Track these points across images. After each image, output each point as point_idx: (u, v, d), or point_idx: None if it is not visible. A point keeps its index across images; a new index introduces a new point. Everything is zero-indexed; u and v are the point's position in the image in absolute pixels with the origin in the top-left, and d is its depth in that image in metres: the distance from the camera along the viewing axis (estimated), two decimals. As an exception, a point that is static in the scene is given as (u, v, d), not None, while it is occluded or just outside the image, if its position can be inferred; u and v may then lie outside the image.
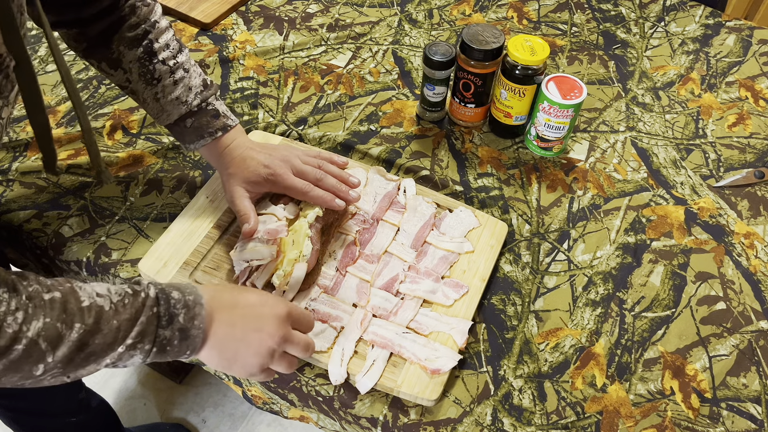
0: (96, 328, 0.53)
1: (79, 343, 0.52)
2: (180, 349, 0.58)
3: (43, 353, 0.51)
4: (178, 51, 0.77)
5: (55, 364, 0.52)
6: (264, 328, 0.62)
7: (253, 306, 0.63)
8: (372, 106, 1.02)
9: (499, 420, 0.71)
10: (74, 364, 0.53)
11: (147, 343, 0.56)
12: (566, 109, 0.89)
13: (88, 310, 0.53)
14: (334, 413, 0.74)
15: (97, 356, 0.54)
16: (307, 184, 0.78)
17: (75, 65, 1.06)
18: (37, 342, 0.50)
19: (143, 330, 0.55)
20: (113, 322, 0.54)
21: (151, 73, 0.75)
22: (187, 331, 0.58)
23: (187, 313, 0.58)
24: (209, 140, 0.78)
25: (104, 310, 0.54)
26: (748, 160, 0.98)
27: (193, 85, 0.77)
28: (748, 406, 0.73)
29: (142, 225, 0.85)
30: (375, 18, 1.18)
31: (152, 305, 0.56)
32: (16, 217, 0.85)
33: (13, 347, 0.49)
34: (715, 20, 1.21)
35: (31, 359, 0.50)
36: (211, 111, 0.78)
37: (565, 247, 0.86)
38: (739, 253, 0.86)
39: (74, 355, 0.52)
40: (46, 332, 0.51)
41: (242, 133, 0.81)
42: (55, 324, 0.51)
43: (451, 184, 0.92)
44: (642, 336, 0.78)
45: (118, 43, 0.74)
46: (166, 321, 0.57)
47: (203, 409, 1.44)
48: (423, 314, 0.76)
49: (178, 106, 0.76)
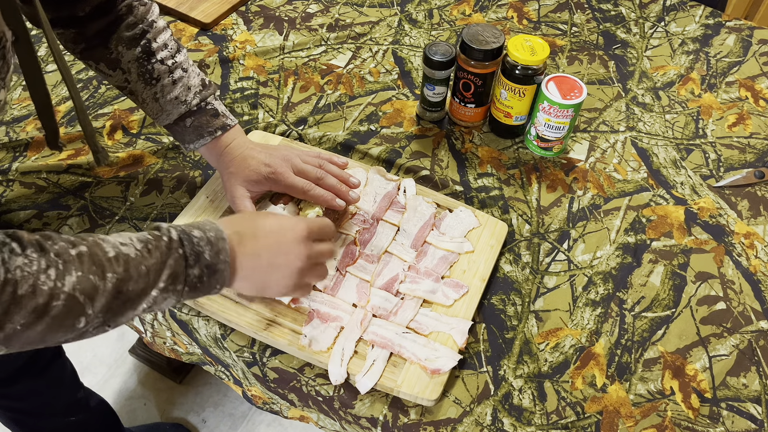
0: (127, 275, 0.54)
1: (115, 291, 0.53)
2: (210, 284, 0.60)
3: (82, 306, 0.52)
4: (177, 51, 0.77)
5: (96, 315, 0.53)
6: (290, 251, 0.65)
7: (274, 233, 0.65)
8: (372, 106, 1.02)
9: (499, 420, 0.71)
10: (113, 312, 0.54)
11: (179, 283, 0.57)
12: (566, 109, 0.89)
13: (116, 259, 0.54)
14: (334, 413, 0.74)
15: (134, 302, 0.55)
16: (308, 182, 0.78)
17: (75, 65, 1.06)
18: (74, 296, 0.51)
19: (173, 272, 0.57)
20: (142, 268, 0.55)
21: (149, 73, 0.75)
22: (214, 266, 0.59)
23: (211, 249, 0.59)
24: (209, 139, 0.78)
25: (131, 258, 0.55)
26: (748, 160, 0.98)
27: (192, 84, 0.77)
28: (748, 406, 0.73)
29: (142, 225, 0.85)
30: (375, 18, 1.18)
31: (177, 247, 0.57)
32: (16, 217, 0.85)
33: (51, 303, 0.50)
34: (715, 20, 1.21)
35: (72, 313, 0.51)
36: (211, 110, 0.78)
37: (565, 247, 0.86)
38: (739, 253, 0.86)
39: (112, 303, 0.53)
40: (81, 285, 0.51)
41: (241, 133, 0.81)
42: (87, 276, 0.52)
43: (451, 184, 0.92)
44: (642, 336, 0.78)
45: (116, 43, 0.74)
46: (193, 260, 0.58)
47: (203, 409, 1.44)
48: (423, 314, 0.76)
49: (178, 106, 0.76)
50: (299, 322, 0.74)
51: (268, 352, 0.75)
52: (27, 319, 0.49)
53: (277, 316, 0.75)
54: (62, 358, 1.05)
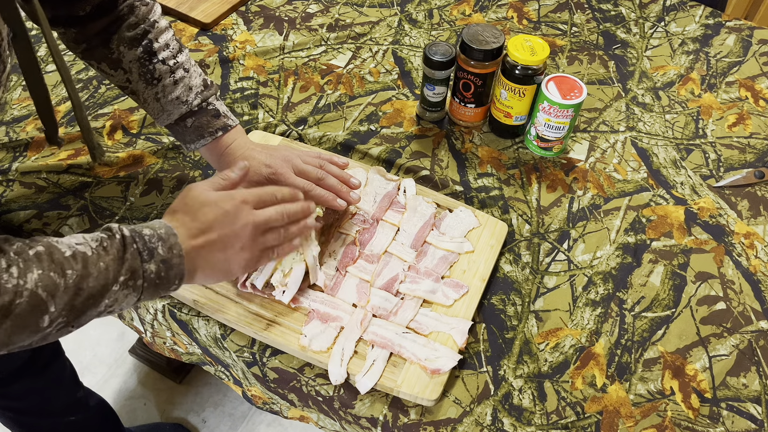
0: (86, 272, 0.54)
1: (76, 288, 0.53)
2: (168, 279, 0.60)
3: (44, 303, 0.52)
4: (178, 51, 0.77)
5: (58, 312, 0.53)
6: (234, 224, 0.64)
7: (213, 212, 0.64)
8: (372, 106, 1.02)
9: (499, 420, 0.71)
10: (76, 310, 0.54)
11: (137, 278, 0.57)
12: (566, 109, 0.89)
13: (74, 258, 0.54)
14: (334, 413, 0.74)
15: (95, 299, 0.55)
16: (308, 183, 0.78)
17: (75, 65, 1.06)
18: (36, 292, 0.51)
19: (131, 266, 0.57)
20: (100, 264, 0.55)
21: (151, 73, 0.75)
22: (169, 261, 0.59)
23: (163, 245, 0.59)
24: (210, 140, 0.78)
25: (88, 256, 0.55)
26: (748, 160, 0.98)
27: (194, 84, 0.77)
28: (748, 406, 0.73)
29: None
30: (375, 18, 1.18)
31: (130, 243, 0.58)
32: (16, 217, 0.85)
33: (15, 301, 0.50)
34: (715, 20, 1.21)
35: (36, 311, 0.51)
36: (212, 111, 0.78)
37: (565, 247, 0.86)
38: (739, 253, 0.86)
39: (74, 301, 0.53)
40: (42, 282, 0.52)
41: (242, 133, 0.81)
42: (48, 274, 0.52)
43: (451, 184, 0.92)
44: (642, 336, 0.78)
45: (118, 43, 0.74)
46: (147, 255, 0.58)
47: (203, 409, 1.44)
48: (423, 314, 0.76)
49: (179, 106, 0.77)
50: (299, 322, 0.74)
51: (268, 352, 0.75)
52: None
53: (277, 316, 0.75)
54: (62, 357, 1.05)
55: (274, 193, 0.69)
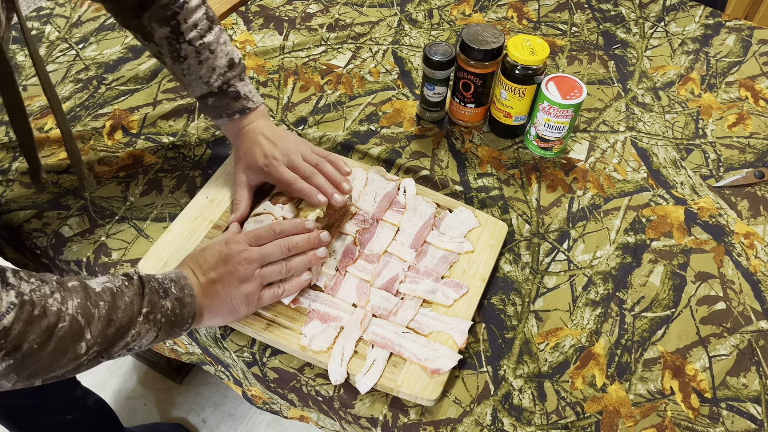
0: (115, 304, 0.59)
1: (108, 318, 0.58)
2: (183, 317, 0.64)
3: (82, 329, 0.56)
4: (207, 31, 0.79)
5: (94, 340, 0.57)
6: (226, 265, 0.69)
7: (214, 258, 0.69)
8: (372, 106, 1.02)
9: (499, 420, 0.71)
10: (107, 340, 0.58)
11: (157, 312, 0.62)
12: (566, 109, 0.89)
13: (103, 292, 0.59)
14: (334, 413, 0.74)
15: (123, 330, 0.59)
16: (294, 176, 0.79)
17: (75, 65, 1.06)
18: (76, 317, 0.55)
19: (150, 300, 0.61)
20: (125, 299, 0.60)
21: (177, 52, 0.78)
22: (182, 299, 0.65)
23: (176, 285, 0.65)
24: (226, 120, 0.82)
25: (114, 291, 0.60)
26: (748, 160, 0.98)
27: (217, 65, 0.79)
28: (748, 406, 0.73)
29: (142, 225, 0.85)
30: (375, 18, 1.18)
31: (147, 282, 0.63)
32: (16, 217, 0.85)
33: (59, 324, 0.54)
34: (715, 20, 1.21)
35: (76, 336, 0.55)
36: (232, 93, 0.80)
37: (565, 247, 0.86)
38: (739, 253, 0.86)
39: (106, 329, 0.58)
40: (81, 309, 0.56)
41: (263, 116, 0.83)
42: (85, 303, 0.57)
43: (451, 184, 0.92)
44: (642, 336, 0.78)
45: (149, 20, 0.77)
46: (162, 293, 0.63)
47: (203, 409, 1.44)
48: (423, 314, 0.76)
49: (201, 85, 0.80)
50: (299, 322, 0.74)
51: (268, 352, 0.75)
52: (41, 338, 0.53)
53: (277, 316, 0.75)
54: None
55: (272, 227, 0.73)
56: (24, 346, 0.52)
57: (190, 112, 0.99)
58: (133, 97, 1.01)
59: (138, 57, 1.08)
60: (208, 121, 0.98)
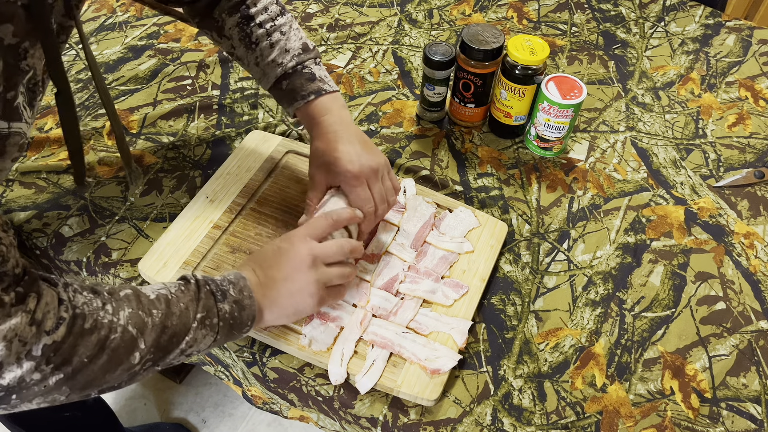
0: (169, 311, 0.59)
1: (162, 326, 0.58)
2: (242, 319, 0.63)
3: (135, 339, 0.56)
4: (278, 14, 0.78)
5: (147, 349, 0.57)
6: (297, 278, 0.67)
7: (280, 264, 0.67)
8: (372, 106, 1.02)
9: (498, 420, 0.71)
10: (161, 348, 0.58)
11: (213, 317, 0.61)
12: (566, 109, 0.89)
13: (157, 300, 0.59)
14: (334, 413, 0.74)
15: (178, 337, 0.59)
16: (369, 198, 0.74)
17: (75, 65, 1.06)
18: (127, 328, 0.55)
19: (206, 305, 0.61)
20: (180, 305, 0.60)
21: (248, 37, 0.77)
22: (241, 302, 0.63)
23: (234, 287, 0.64)
24: (302, 103, 0.76)
25: (169, 298, 0.60)
26: (748, 160, 0.98)
27: (291, 47, 0.77)
28: (748, 406, 0.73)
29: (142, 225, 0.85)
30: (375, 18, 1.18)
31: (203, 285, 0.62)
32: (16, 217, 0.85)
33: (111, 336, 0.54)
34: (715, 20, 1.21)
35: (128, 347, 0.55)
36: (307, 74, 0.77)
37: (565, 247, 0.86)
38: (739, 253, 0.86)
39: (159, 337, 0.57)
40: (133, 320, 0.56)
41: (340, 104, 0.77)
42: (137, 312, 0.57)
43: (451, 184, 0.92)
44: (642, 336, 0.78)
45: (220, 12, 0.77)
46: (220, 296, 0.62)
47: (203, 409, 1.44)
48: (423, 314, 0.76)
49: (274, 68, 0.77)
50: (299, 322, 0.74)
51: (268, 352, 0.75)
52: (91, 352, 0.53)
53: (277, 316, 0.75)
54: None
55: (327, 216, 0.71)
56: (74, 360, 0.52)
57: (190, 112, 0.99)
58: (133, 97, 1.01)
59: (138, 57, 1.08)
60: (209, 121, 0.98)
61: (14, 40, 0.48)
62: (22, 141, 0.52)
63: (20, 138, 0.52)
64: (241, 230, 0.82)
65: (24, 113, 0.52)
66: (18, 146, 0.52)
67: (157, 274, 0.76)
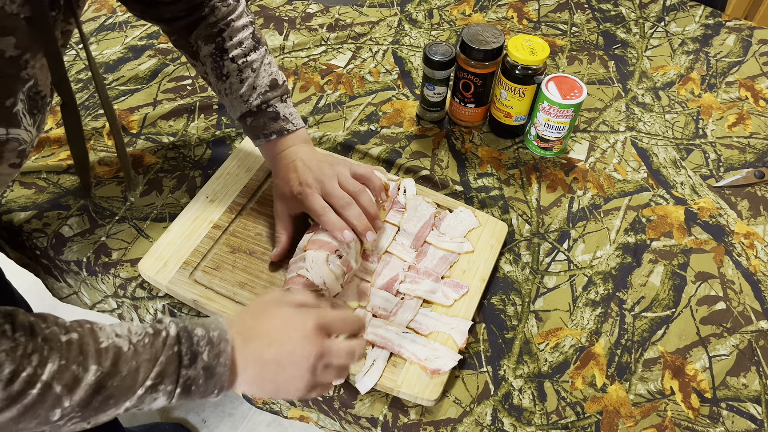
0: (114, 370, 0.52)
1: (97, 385, 0.51)
2: (206, 388, 0.56)
3: (58, 397, 0.50)
4: (252, 50, 0.78)
5: (72, 408, 0.51)
6: (295, 351, 0.59)
7: (278, 331, 0.60)
8: (372, 106, 1.02)
9: (499, 420, 0.71)
10: (92, 408, 0.52)
11: (168, 383, 0.54)
12: (566, 109, 0.89)
13: (106, 351, 0.52)
14: (334, 413, 0.74)
15: (116, 399, 0.53)
16: (324, 206, 0.74)
17: (75, 65, 1.06)
18: (51, 385, 0.49)
19: (163, 370, 0.54)
20: (132, 363, 0.53)
21: (220, 69, 0.78)
22: (212, 369, 0.56)
23: (211, 351, 0.56)
24: (263, 141, 0.79)
25: (122, 351, 0.53)
26: (748, 160, 0.98)
27: (259, 85, 0.78)
28: (748, 406, 0.73)
29: (142, 225, 0.85)
30: (375, 18, 1.18)
31: (173, 344, 0.55)
32: (16, 217, 0.85)
33: (27, 392, 0.48)
34: (715, 20, 1.21)
35: (47, 404, 0.49)
36: (271, 113, 0.78)
37: (565, 247, 0.86)
38: (739, 253, 0.86)
39: (91, 398, 0.51)
40: (60, 375, 0.50)
41: (303, 141, 0.79)
42: (70, 367, 0.50)
43: (451, 184, 0.92)
44: (642, 336, 0.78)
45: (196, 38, 0.78)
46: (188, 360, 0.55)
47: (203, 409, 1.44)
48: (423, 314, 0.76)
49: (241, 104, 0.78)
50: (299, 322, 0.74)
51: (268, 352, 0.75)
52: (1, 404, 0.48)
53: (277, 316, 0.75)
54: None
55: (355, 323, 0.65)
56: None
57: (190, 112, 0.99)
58: (133, 97, 1.01)
59: (138, 57, 1.08)
60: (209, 121, 0.98)
61: (16, 52, 0.48)
62: (21, 147, 0.52)
63: (18, 144, 0.51)
64: (241, 230, 0.82)
65: (23, 120, 0.51)
66: (17, 152, 0.51)
67: (157, 274, 0.76)
